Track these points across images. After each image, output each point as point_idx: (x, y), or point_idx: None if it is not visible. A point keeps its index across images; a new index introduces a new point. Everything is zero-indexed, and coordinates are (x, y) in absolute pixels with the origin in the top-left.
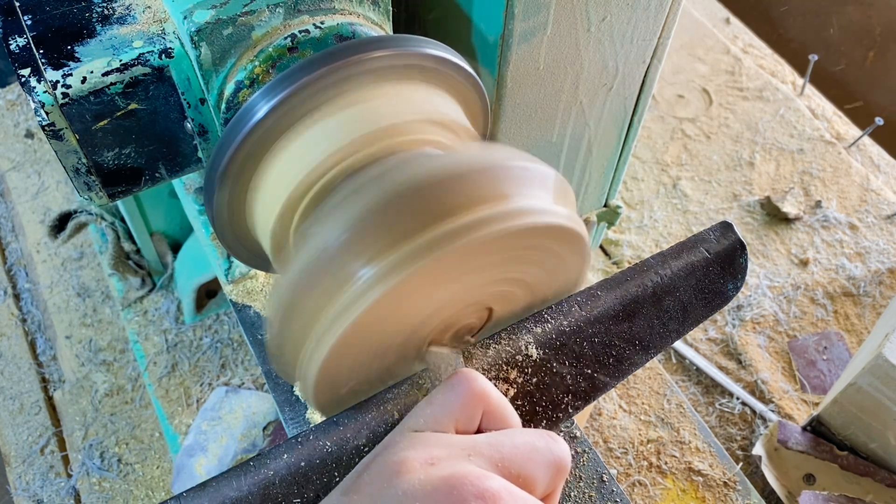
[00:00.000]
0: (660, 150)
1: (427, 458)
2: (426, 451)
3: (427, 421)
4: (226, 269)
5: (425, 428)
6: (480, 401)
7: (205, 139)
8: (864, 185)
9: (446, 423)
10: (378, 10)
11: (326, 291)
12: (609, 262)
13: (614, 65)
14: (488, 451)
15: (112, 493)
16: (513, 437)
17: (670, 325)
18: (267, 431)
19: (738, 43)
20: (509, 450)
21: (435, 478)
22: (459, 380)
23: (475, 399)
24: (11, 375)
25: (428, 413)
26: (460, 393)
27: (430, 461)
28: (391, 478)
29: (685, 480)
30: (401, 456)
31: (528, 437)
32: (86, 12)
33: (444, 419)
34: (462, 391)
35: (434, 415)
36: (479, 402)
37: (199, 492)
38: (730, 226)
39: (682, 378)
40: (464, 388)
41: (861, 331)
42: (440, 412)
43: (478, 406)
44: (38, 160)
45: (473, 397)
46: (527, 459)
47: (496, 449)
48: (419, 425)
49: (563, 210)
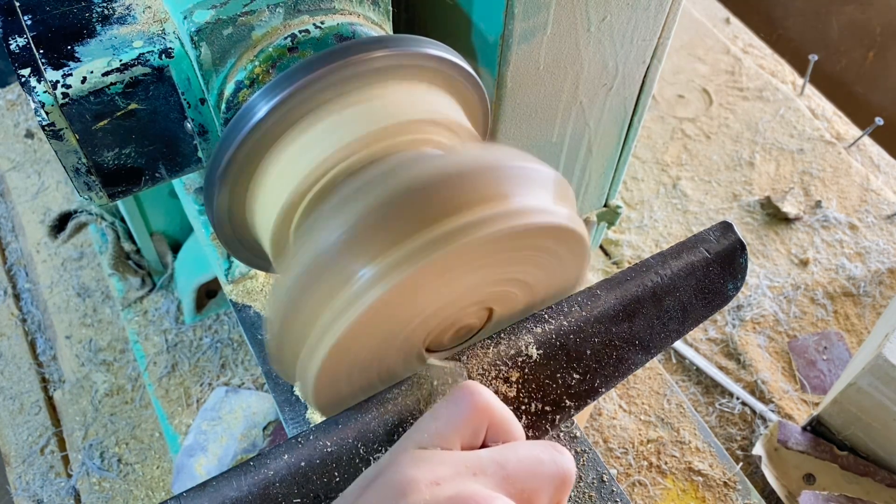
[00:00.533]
0: (660, 150)
1: (432, 477)
2: (431, 471)
3: (432, 437)
4: (226, 269)
5: (430, 444)
6: (485, 414)
7: (205, 139)
8: (864, 185)
9: (451, 438)
10: (378, 10)
11: (327, 291)
12: (609, 262)
13: (614, 65)
14: (493, 467)
15: (112, 493)
16: (517, 451)
17: (670, 325)
18: (267, 431)
19: (738, 43)
20: (514, 465)
21: (441, 498)
22: (464, 394)
23: (480, 413)
24: (11, 375)
25: (433, 429)
26: (465, 408)
27: (435, 481)
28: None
29: (685, 480)
30: (405, 476)
31: (533, 451)
32: (86, 12)
33: (449, 435)
34: (466, 406)
35: (439, 431)
36: (483, 417)
37: (199, 492)
38: (730, 226)
39: (682, 378)
40: (468, 403)
41: (861, 331)
42: (445, 428)
43: (483, 420)
44: (38, 160)
45: (478, 411)
46: (532, 474)
47: (501, 465)
48: (424, 441)
49: (564, 210)
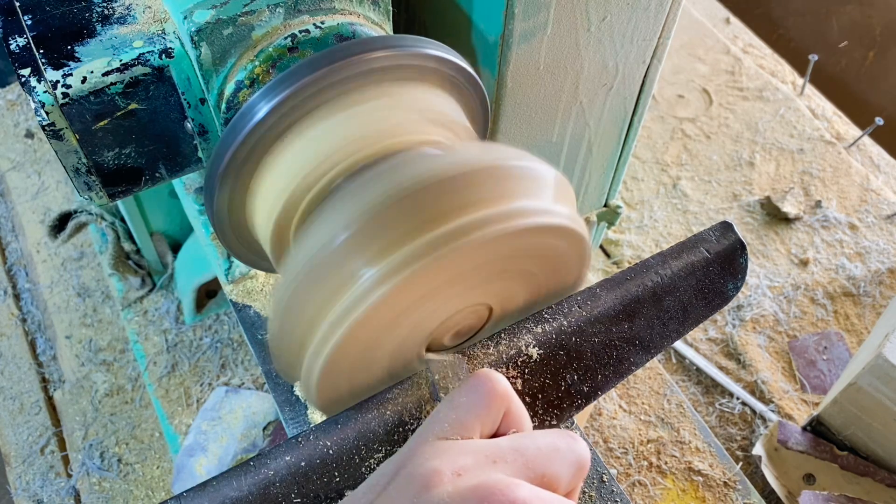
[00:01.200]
0: (660, 150)
1: (455, 467)
2: (453, 461)
3: (452, 426)
4: (226, 269)
5: (450, 433)
6: (504, 402)
7: (205, 139)
8: (864, 185)
9: (472, 426)
10: (378, 10)
11: (328, 291)
12: (609, 262)
13: (614, 65)
14: (513, 455)
15: (112, 493)
16: (535, 439)
17: (670, 325)
18: (267, 431)
19: (738, 43)
20: (533, 452)
21: (464, 489)
22: (482, 381)
23: (499, 400)
24: (11, 375)
25: (453, 418)
26: (483, 394)
27: (458, 471)
28: (420, 492)
29: (685, 480)
30: (428, 467)
31: (550, 438)
32: (86, 12)
33: (469, 423)
34: (485, 392)
35: (459, 419)
36: (502, 404)
37: (199, 492)
38: (730, 226)
39: (682, 378)
40: (487, 390)
41: (861, 331)
42: (465, 416)
43: (501, 407)
44: (38, 160)
45: (498, 398)
46: (551, 460)
47: (521, 453)
48: (444, 431)
49: (564, 210)
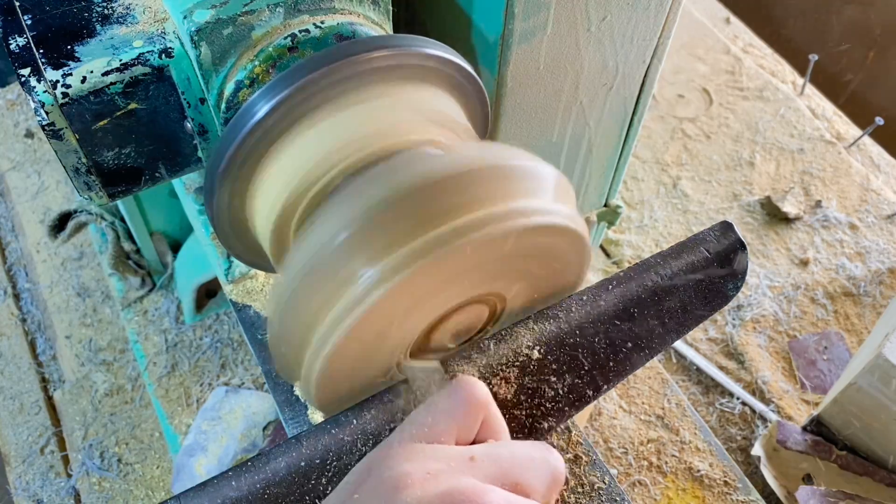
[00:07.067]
0: (660, 149)
1: (425, 471)
2: (424, 464)
3: (427, 430)
4: (226, 269)
5: (425, 438)
6: (482, 409)
7: (205, 139)
8: (864, 184)
9: (447, 432)
10: (378, 9)
11: (328, 291)
12: (609, 262)
13: (614, 65)
14: (487, 462)
15: (112, 493)
16: (511, 448)
17: (670, 325)
18: (267, 431)
19: (738, 43)
20: (508, 460)
21: (433, 493)
22: (462, 387)
23: (477, 407)
24: (11, 375)
25: (429, 421)
26: (462, 401)
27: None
28: (389, 495)
29: (685, 480)
30: (399, 470)
31: (526, 449)
32: (86, 12)
33: (445, 428)
34: (463, 398)
35: (435, 423)
36: (480, 411)
37: (199, 492)
38: (730, 226)
39: (682, 378)
40: (465, 395)
41: (861, 331)
42: (441, 421)
43: (479, 414)
44: (38, 160)
45: (475, 405)
46: (525, 469)
47: (494, 460)
48: (418, 434)
49: (564, 209)
